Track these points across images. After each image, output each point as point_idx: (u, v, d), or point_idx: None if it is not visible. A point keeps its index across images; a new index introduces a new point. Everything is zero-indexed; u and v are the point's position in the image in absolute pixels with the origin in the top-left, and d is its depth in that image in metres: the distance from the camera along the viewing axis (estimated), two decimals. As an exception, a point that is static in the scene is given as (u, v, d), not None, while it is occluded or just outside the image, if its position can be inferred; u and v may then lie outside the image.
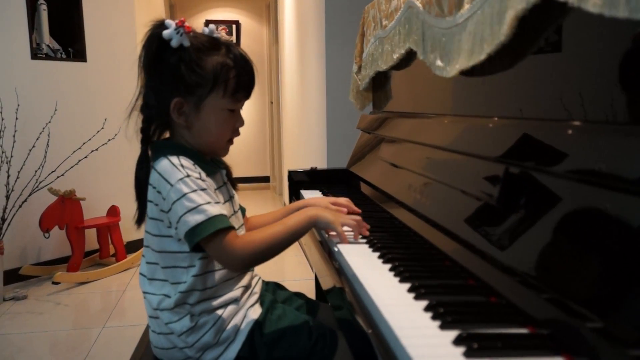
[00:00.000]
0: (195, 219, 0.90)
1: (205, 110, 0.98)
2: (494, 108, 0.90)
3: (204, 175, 0.96)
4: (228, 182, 1.10)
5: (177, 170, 0.93)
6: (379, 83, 1.72)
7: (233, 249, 0.92)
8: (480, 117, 0.95)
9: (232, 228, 0.93)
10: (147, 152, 1.00)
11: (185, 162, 0.95)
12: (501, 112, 0.87)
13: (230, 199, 1.08)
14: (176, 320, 0.97)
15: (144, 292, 1.01)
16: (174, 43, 0.94)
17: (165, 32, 0.94)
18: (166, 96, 0.97)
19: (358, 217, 1.05)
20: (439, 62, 0.99)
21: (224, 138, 1.03)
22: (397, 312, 0.65)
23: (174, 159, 0.95)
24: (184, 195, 0.91)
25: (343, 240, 1.00)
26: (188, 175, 0.92)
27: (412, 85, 1.39)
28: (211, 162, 1.04)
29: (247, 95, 1.03)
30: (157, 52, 0.96)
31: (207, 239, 0.90)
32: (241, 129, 1.06)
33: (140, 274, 1.03)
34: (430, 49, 1.05)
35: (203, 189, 0.93)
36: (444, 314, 0.62)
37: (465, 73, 0.89)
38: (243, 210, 1.16)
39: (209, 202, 0.92)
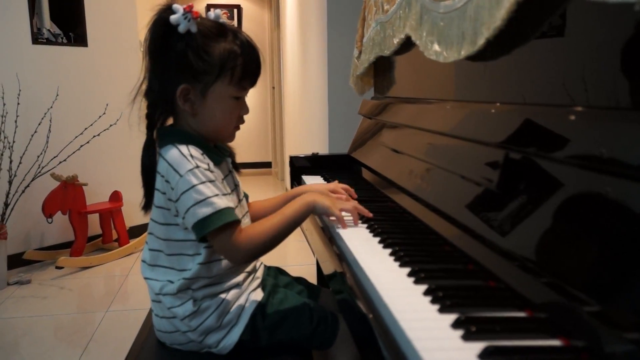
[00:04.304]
0: (203, 211, 0.90)
1: (211, 97, 0.97)
2: (496, 93, 0.90)
3: (212, 165, 0.96)
4: (233, 170, 1.10)
5: (186, 161, 0.92)
6: (381, 68, 1.71)
7: (237, 243, 0.92)
8: (482, 102, 0.95)
9: (238, 222, 0.94)
10: (153, 138, 1.00)
11: (195, 151, 0.95)
12: (503, 98, 0.87)
13: (235, 187, 1.08)
14: (178, 305, 0.98)
15: (146, 278, 1.02)
16: (182, 29, 0.93)
17: (173, 17, 0.92)
18: (172, 82, 0.96)
19: (355, 202, 1.05)
20: (436, 47, 0.99)
21: (229, 126, 1.03)
22: (397, 296, 0.66)
23: (183, 148, 0.94)
24: (193, 186, 0.91)
25: (342, 225, 1.00)
26: (197, 167, 0.92)
27: (413, 71, 1.39)
28: (216, 149, 1.04)
29: (252, 83, 1.02)
30: (163, 37, 0.94)
31: (214, 232, 0.91)
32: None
33: (142, 260, 1.03)
34: (427, 34, 1.04)
35: (211, 181, 0.93)
36: (443, 297, 0.63)
37: (467, 58, 0.88)
38: (246, 196, 1.16)
39: (216, 195, 0.92)
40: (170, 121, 1.03)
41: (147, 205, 1.01)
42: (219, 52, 0.96)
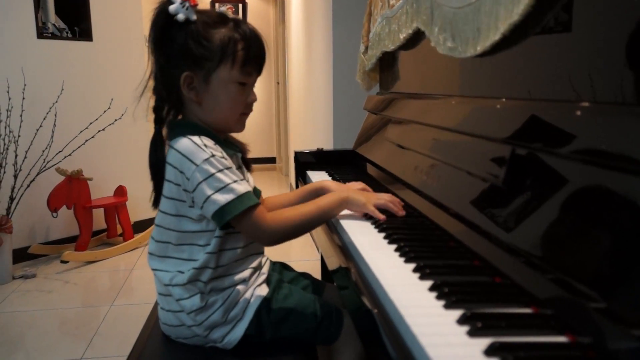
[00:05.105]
0: (225, 198, 0.91)
1: (214, 83, 0.98)
2: (502, 89, 0.90)
3: (224, 154, 0.97)
4: (243, 167, 1.10)
5: (201, 150, 0.93)
6: (386, 63, 1.71)
7: (264, 224, 0.94)
8: (487, 98, 0.94)
9: (259, 204, 0.95)
10: (161, 132, 1.00)
11: (208, 141, 0.95)
12: (509, 93, 0.87)
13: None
14: (187, 298, 0.98)
15: (154, 270, 1.02)
16: (181, 17, 0.94)
17: (172, 7, 0.94)
18: (175, 71, 0.97)
19: (387, 196, 1.06)
20: (449, 43, 0.98)
21: (235, 112, 1.02)
22: (402, 292, 0.66)
23: (196, 138, 0.95)
24: (212, 175, 0.91)
25: (379, 219, 1.01)
26: (213, 155, 0.93)
27: (419, 66, 1.38)
28: (225, 143, 1.04)
29: (258, 69, 1.03)
30: (164, 28, 0.95)
31: (238, 217, 0.92)
32: None
33: (149, 253, 1.04)
34: (439, 29, 1.04)
35: (228, 168, 0.94)
36: (449, 293, 0.63)
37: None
38: (258, 192, 1.14)
39: (235, 181, 0.93)
40: (179, 117, 1.04)
41: (157, 201, 1.01)
42: (219, 37, 0.97)
